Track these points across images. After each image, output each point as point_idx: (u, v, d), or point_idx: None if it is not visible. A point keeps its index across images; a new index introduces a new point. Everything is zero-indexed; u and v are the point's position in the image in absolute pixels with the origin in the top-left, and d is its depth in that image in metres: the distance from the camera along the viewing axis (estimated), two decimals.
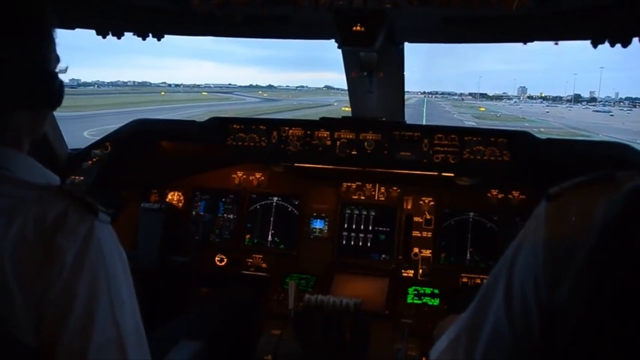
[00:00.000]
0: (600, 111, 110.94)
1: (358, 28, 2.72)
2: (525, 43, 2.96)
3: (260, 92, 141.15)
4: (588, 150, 3.55)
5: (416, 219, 3.80)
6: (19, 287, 1.32)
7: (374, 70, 3.41)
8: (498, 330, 1.34)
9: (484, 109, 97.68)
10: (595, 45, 2.61)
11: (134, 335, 1.48)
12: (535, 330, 1.26)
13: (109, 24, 2.97)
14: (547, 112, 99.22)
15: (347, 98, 3.93)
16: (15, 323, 1.32)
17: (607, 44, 2.56)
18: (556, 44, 2.88)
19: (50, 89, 1.58)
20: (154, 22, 3.05)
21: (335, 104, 75.91)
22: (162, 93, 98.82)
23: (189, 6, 2.51)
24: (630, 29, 2.44)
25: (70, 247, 1.37)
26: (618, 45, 2.53)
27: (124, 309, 1.45)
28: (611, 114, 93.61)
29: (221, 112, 46.24)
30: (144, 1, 2.80)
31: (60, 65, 1.66)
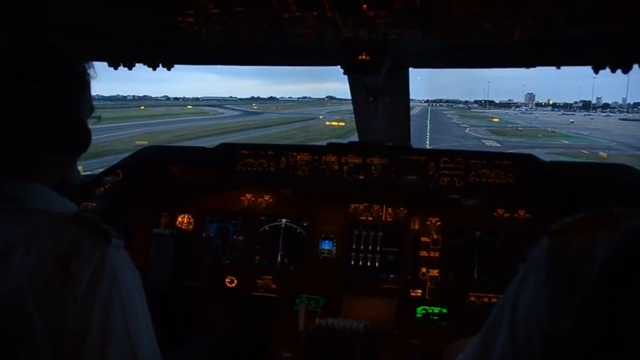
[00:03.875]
0: (628, 120, 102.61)
1: (363, 57, 2.77)
2: (528, 67, 3.01)
3: (254, 105, 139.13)
4: (592, 172, 3.59)
5: (423, 239, 3.83)
6: (38, 313, 1.36)
7: (380, 95, 3.47)
8: None
9: (497, 120, 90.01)
10: (596, 70, 2.66)
11: (151, 356, 1.53)
12: None
13: (120, 57, 3.04)
14: (572, 122, 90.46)
15: (343, 108, 3.97)
16: (33, 347, 1.36)
17: (607, 70, 2.62)
18: (558, 68, 2.93)
19: (78, 137, 1.69)
20: (163, 53, 3.11)
21: (321, 117, 72.87)
22: (142, 107, 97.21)
23: (198, 38, 2.58)
24: (630, 55, 2.49)
25: (84, 272, 1.42)
26: None
27: (140, 331, 1.50)
28: None
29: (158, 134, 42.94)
30: (154, 35, 2.87)
31: (94, 115, 1.78)
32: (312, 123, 64.31)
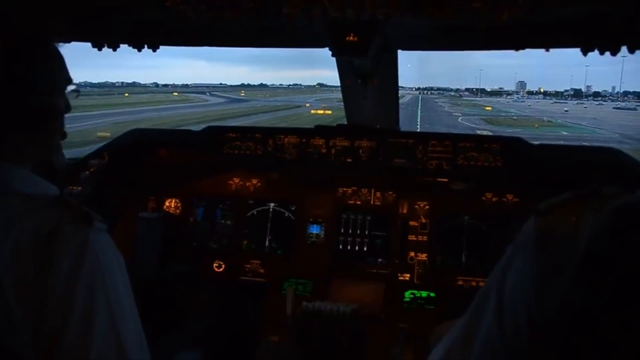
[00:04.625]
0: (623, 109, 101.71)
1: (352, 38, 2.75)
2: (517, 50, 3.00)
3: (242, 92, 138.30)
4: (581, 155, 3.59)
5: (412, 223, 3.82)
6: (17, 297, 1.34)
7: (368, 78, 3.44)
8: (490, 342, 1.37)
9: (490, 108, 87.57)
10: (585, 52, 2.65)
11: (136, 341, 1.51)
12: (524, 342, 1.30)
13: (104, 37, 3.00)
14: (566, 111, 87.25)
15: (333, 96, 3.96)
16: (13, 333, 1.34)
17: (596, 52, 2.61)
18: (547, 50, 2.92)
19: (46, 113, 1.63)
20: (149, 34, 3.07)
21: (308, 105, 71.18)
22: (126, 95, 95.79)
23: (184, 19, 2.54)
24: (619, 38, 2.48)
25: (66, 256, 1.39)
26: None
27: (124, 316, 1.48)
28: None
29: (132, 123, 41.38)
30: (139, 14, 2.83)
31: (74, 88, 1.72)
32: (297, 111, 62.99)
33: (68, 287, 1.38)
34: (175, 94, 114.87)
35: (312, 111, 60.42)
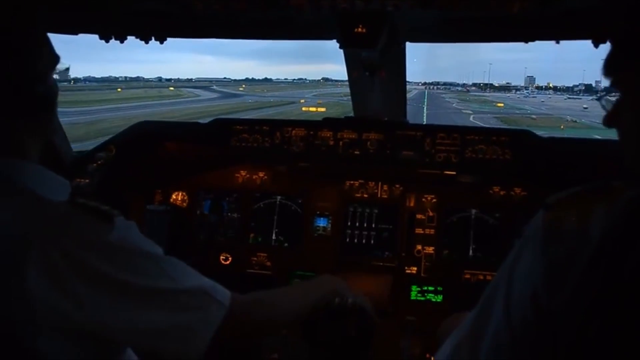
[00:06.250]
0: None
1: (360, 29, 2.74)
2: (526, 42, 2.98)
3: (241, 87, 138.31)
4: (590, 149, 3.57)
5: (419, 216, 3.80)
6: (43, 304, 1.37)
7: (376, 70, 3.43)
8: (499, 337, 1.37)
9: (502, 105, 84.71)
10: (596, 45, 2.63)
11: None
12: (531, 336, 1.30)
13: (112, 29, 2.99)
14: (586, 108, 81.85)
15: (332, 91, 3.94)
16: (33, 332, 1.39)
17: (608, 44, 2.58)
18: (557, 43, 2.90)
19: (38, 95, 1.59)
20: (156, 26, 3.07)
21: (303, 101, 70.04)
22: (119, 90, 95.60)
23: (192, 10, 2.54)
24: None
25: (98, 257, 1.44)
26: None
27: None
28: None
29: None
30: (146, 5, 2.82)
31: (60, 66, 1.68)
32: (287, 109, 61.46)
33: (99, 281, 1.46)
34: (171, 88, 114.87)
35: (304, 108, 59.09)
